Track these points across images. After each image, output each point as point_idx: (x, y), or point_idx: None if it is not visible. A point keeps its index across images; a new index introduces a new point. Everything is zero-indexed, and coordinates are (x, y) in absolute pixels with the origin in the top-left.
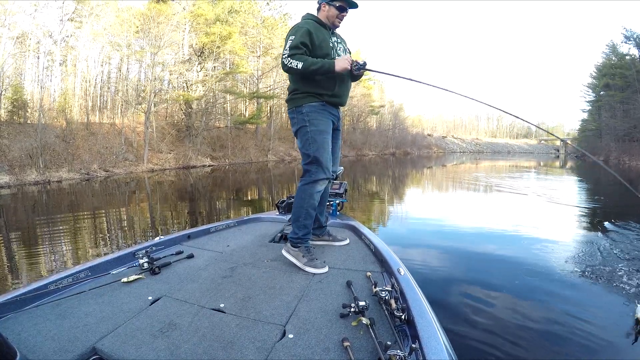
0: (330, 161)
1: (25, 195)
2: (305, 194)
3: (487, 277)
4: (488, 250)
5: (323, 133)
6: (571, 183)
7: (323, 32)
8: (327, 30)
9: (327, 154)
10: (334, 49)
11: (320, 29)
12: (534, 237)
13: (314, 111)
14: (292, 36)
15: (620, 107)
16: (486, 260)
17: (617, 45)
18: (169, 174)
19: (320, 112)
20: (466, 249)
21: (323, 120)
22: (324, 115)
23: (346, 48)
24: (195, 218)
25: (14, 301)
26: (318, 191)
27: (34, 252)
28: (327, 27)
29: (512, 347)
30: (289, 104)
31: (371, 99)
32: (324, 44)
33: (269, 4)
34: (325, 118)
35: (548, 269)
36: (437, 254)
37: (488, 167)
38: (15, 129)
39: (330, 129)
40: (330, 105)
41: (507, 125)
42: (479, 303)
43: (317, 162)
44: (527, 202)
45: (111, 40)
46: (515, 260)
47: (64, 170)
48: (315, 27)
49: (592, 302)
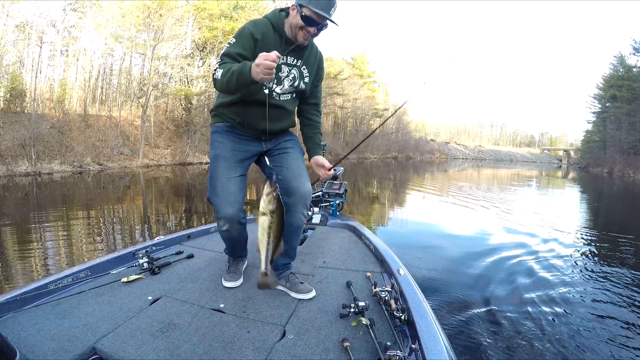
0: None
1: (15, 186)
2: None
3: (487, 278)
4: (487, 253)
5: (218, 158)
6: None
7: (272, 41)
8: (283, 43)
9: (220, 184)
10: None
11: (273, 37)
12: (534, 240)
13: (217, 131)
14: (233, 39)
15: (626, 119)
16: (486, 261)
17: (625, 57)
18: (164, 170)
19: (223, 134)
20: (466, 251)
21: (224, 142)
22: (227, 137)
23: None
24: (190, 216)
25: (14, 301)
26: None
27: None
28: (284, 38)
29: (512, 347)
30: None
31: (375, 102)
32: None
33: (275, 1)
34: (227, 140)
35: (549, 270)
36: (437, 255)
37: (490, 175)
38: (11, 118)
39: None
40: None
41: (511, 133)
42: (479, 303)
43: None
44: (526, 212)
45: (113, 32)
46: (515, 262)
47: (57, 162)
48: (266, 33)
49: (592, 303)
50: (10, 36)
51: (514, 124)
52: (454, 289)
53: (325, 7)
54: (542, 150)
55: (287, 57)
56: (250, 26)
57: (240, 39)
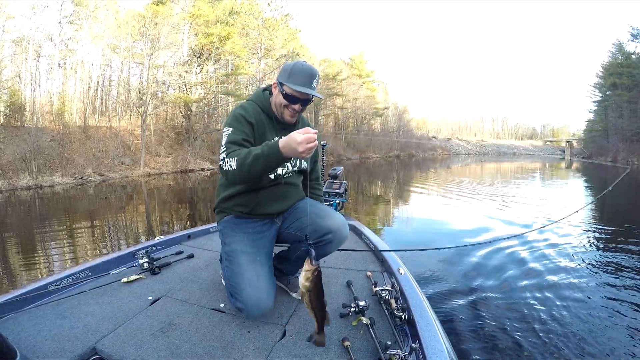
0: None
1: (17, 200)
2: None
3: (488, 278)
4: (489, 252)
5: (238, 254)
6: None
7: (264, 124)
8: (275, 123)
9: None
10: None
11: (264, 120)
12: (536, 240)
13: (227, 226)
14: (229, 128)
15: (627, 106)
16: (486, 261)
17: (623, 44)
18: (166, 178)
19: (235, 227)
20: (469, 249)
21: (238, 235)
22: (240, 229)
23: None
24: (194, 224)
25: (14, 301)
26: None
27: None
28: (274, 119)
29: (512, 347)
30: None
31: (375, 101)
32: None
33: (270, 4)
34: (240, 232)
35: (549, 270)
36: (437, 254)
37: (493, 170)
38: (11, 133)
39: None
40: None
41: (513, 126)
42: (479, 303)
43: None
44: (530, 205)
45: (110, 43)
46: (515, 262)
47: (58, 174)
48: (257, 117)
49: (591, 304)
50: (7, 51)
51: (515, 117)
52: (455, 289)
53: (305, 82)
54: (545, 142)
55: (282, 135)
56: (241, 111)
57: (239, 125)
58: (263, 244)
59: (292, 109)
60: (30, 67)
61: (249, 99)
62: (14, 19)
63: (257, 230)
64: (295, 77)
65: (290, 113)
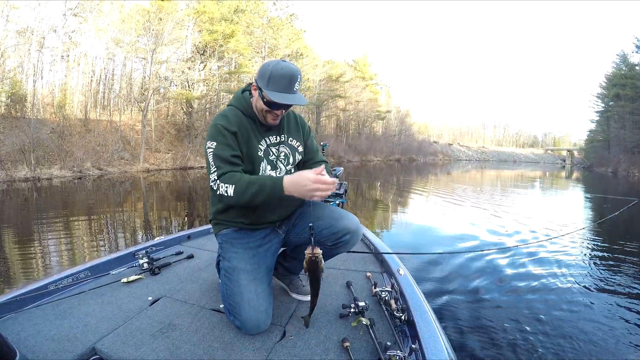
0: (256, 314)
1: (14, 191)
2: None
3: (488, 278)
4: (488, 253)
5: (237, 272)
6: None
7: (248, 130)
8: (258, 125)
9: (248, 303)
10: (265, 159)
11: (247, 125)
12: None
13: (226, 240)
14: (212, 142)
15: (630, 118)
16: (487, 261)
17: (628, 55)
18: (165, 175)
19: (235, 242)
20: (468, 252)
21: (239, 251)
22: (240, 244)
23: (300, 150)
24: (192, 221)
25: (14, 301)
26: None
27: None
28: (257, 121)
29: (512, 347)
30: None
31: (377, 104)
32: (249, 149)
33: (275, 3)
34: (241, 248)
35: (549, 270)
36: (437, 256)
37: (493, 177)
38: (11, 123)
39: (259, 262)
40: (257, 226)
41: (514, 134)
42: (479, 304)
43: (232, 314)
44: (531, 215)
45: (113, 36)
46: (515, 263)
47: (56, 167)
48: (240, 123)
49: (592, 304)
50: (10, 41)
51: (516, 125)
52: (455, 289)
53: (286, 86)
54: (546, 151)
55: (269, 137)
56: (222, 121)
57: (222, 138)
58: (264, 260)
59: (274, 113)
60: (33, 58)
61: (229, 103)
62: (18, 9)
63: (258, 243)
64: (274, 83)
65: (273, 117)
